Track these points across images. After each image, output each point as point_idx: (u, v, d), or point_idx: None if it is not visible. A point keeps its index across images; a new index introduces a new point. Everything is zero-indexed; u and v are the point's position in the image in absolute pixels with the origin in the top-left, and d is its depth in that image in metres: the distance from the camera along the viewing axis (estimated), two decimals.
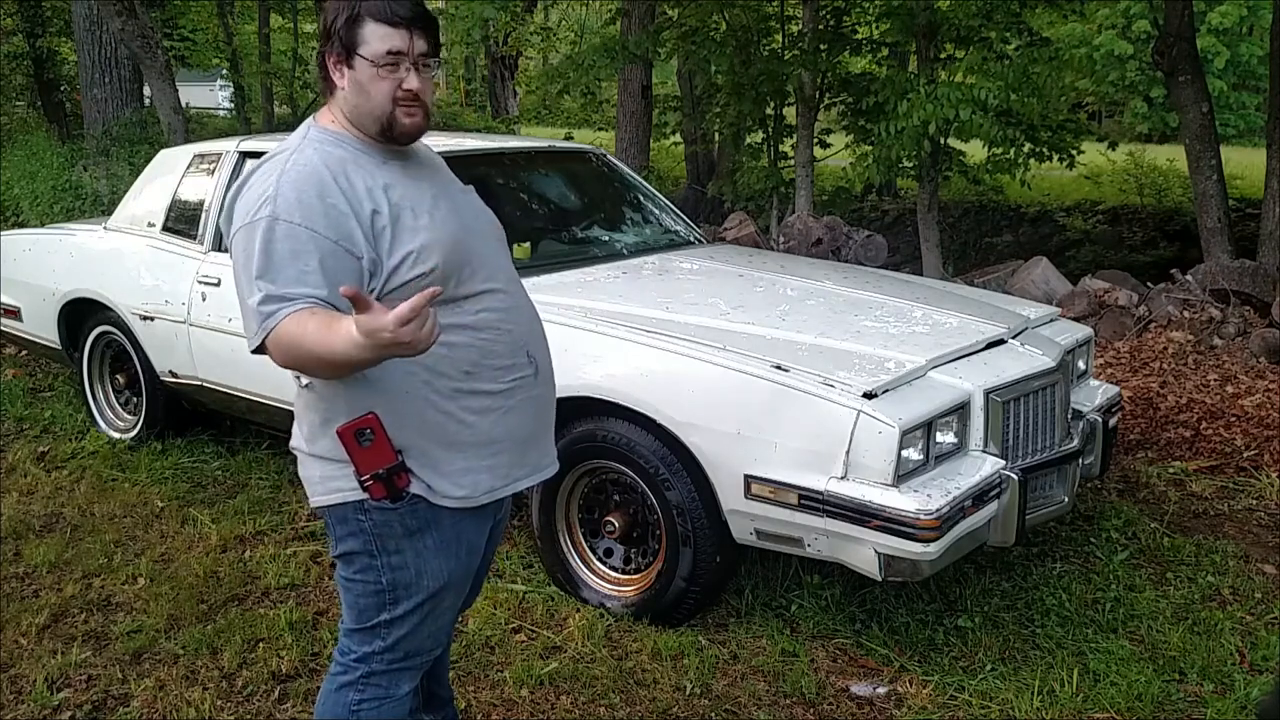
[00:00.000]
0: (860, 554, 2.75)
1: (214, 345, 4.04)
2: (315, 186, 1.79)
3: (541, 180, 4.49)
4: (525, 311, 2.05)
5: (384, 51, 1.83)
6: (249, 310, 1.77)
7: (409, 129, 1.89)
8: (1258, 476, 4.32)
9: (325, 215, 1.78)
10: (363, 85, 1.85)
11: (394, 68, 1.84)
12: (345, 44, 1.84)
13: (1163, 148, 15.85)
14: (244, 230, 1.80)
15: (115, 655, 3.02)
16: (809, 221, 7.17)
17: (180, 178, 4.50)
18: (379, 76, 1.84)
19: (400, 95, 1.85)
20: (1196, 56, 7.25)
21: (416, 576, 1.95)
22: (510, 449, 1.98)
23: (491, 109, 17.46)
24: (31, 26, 14.41)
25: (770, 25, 8.76)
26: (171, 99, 8.99)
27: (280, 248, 1.75)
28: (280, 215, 1.76)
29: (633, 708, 2.79)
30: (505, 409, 1.95)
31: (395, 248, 1.83)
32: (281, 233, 1.75)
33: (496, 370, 1.94)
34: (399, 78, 1.85)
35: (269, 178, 1.82)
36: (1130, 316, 5.97)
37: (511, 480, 2.00)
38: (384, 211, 1.83)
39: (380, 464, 1.83)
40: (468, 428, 1.91)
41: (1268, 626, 3.19)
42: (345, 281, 1.72)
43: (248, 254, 1.77)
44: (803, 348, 3.05)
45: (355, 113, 1.88)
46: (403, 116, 1.87)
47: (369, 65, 1.84)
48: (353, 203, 1.81)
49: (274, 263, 1.75)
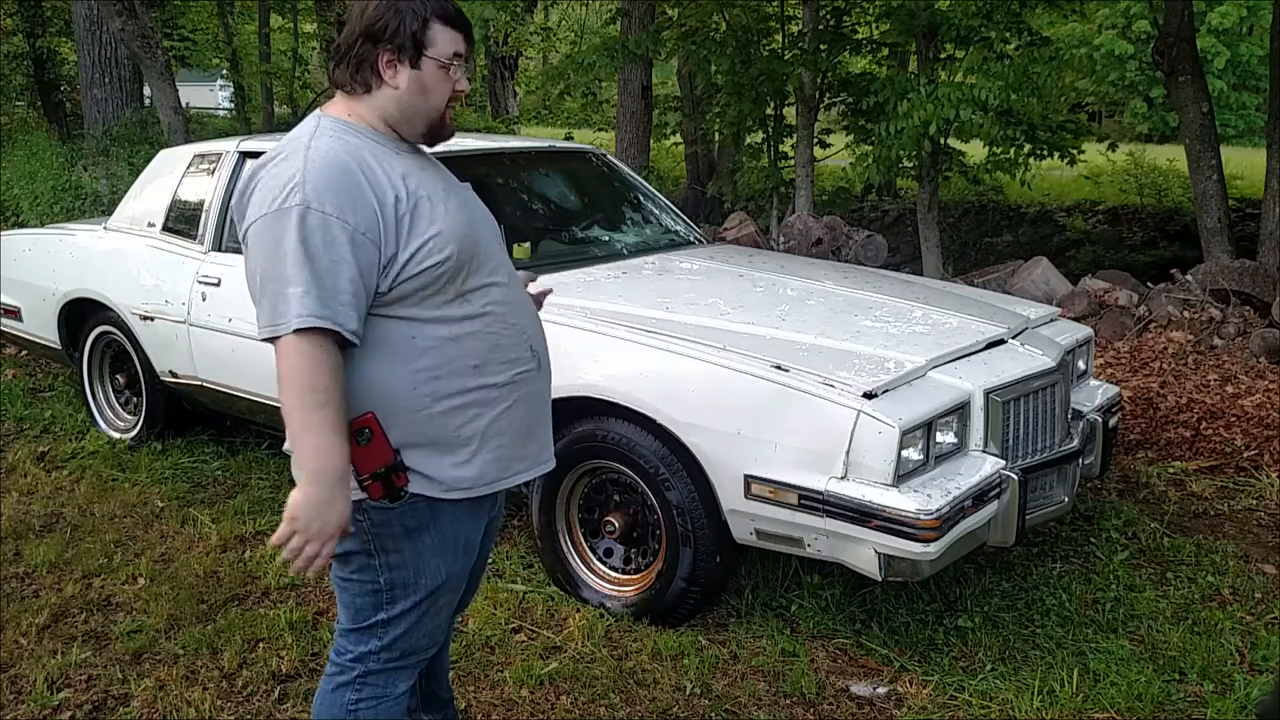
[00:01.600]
0: (860, 554, 2.75)
1: (214, 345, 4.04)
2: (342, 174, 1.80)
3: (541, 180, 4.49)
4: (526, 307, 2.07)
5: (451, 53, 1.91)
6: (277, 295, 1.75)
7: (450, 130, 1.98)
8: (1258, 476, 4.32)
9: (354, 205, 1.79)
10: (426, 85, 1.90)
11: (452, 70, 1.92)
12: (415, 44, 1.88)
13: (1163, 148, 15.86)
14: (271, 218, 1.77)
15: (115, 655, 3.02)
16: (809, 221, 7.17)
17: (180, 178, 4.50)
18: (443, 78, 1.91)
19: (453, 95, 1.93)
20: (1196, 56, 7.25)
21: (414, 576, 1.95)
22: (511, 442, 1.98)
23: (491, 109, 17.46)
24: (31, 26, 14.41)
25: (770, 25, 8.76)
26: (171, 99, 8.99)
27: (316, 239, 1.75)
28: (312, 204, 1.76)
29: (633, 708, 2.79)
30: (509, 402, 1.96)
31: (413, 235, 1.84)
32: (316, 223, 1.75)
33: (503, 363, 1.95)
34: (453, 79, 1.93)
35: (292, 164, 1.81)
36: (1130, 316, 5.97)
37: (512, 473, 2.00)
38: (404, 199, 1.84)
39: (379, 463, 1.83)
40: (474, 420, 1.91)
41: (1268, 626, 3.19)
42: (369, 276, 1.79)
43: (277, 244, 1.76)
44: (803, 348, 3.05)
45: (407, 111, 1.92)
46: (449, 118, 1.96)
47: (436, 66, 1.90)
48: (376, 190, 1.82)
49: (314, 258, 1.74)
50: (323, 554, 1.78)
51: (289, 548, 1.77)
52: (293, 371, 1.75)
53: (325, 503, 1.75)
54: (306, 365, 1.74)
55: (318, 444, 1.75)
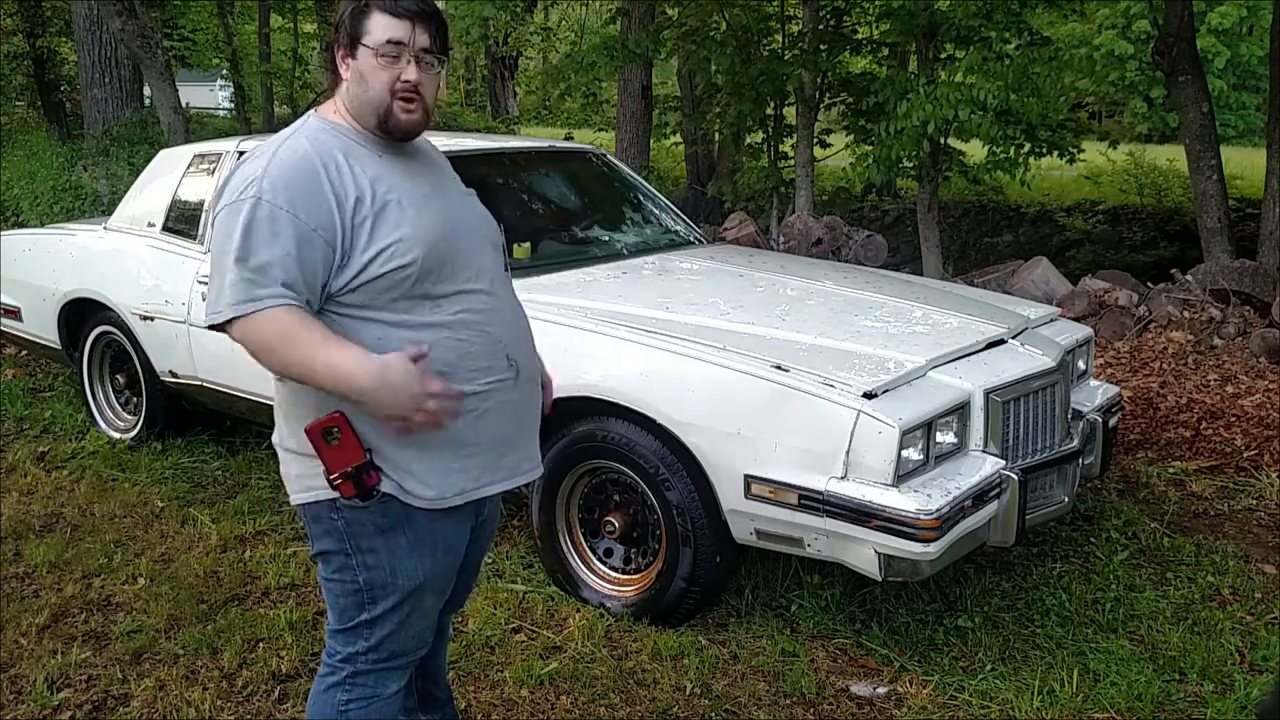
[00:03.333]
0: (860, 554, 2.75)
1: (214, 345, 4.03)
2: (302, 171, 1.82)
3: (541, 180, 4.49)
4: (509, 315, 2.03)
5: (384, 40, 1.86)
6: (223, 285, 1.78)
7: (404, 124, 1.91)
8: (1258, 476, 4.32)
9: (307, 201, 1.80)
10: (363, 74, 1.88)
11: (394, 59, 1.87)
12: (351, 34, 1.88)
13: (1163, 148, 15.85)
14: (228, 209, 1.82)
15: (115, 655, 3.02)
16: (809, 221, 7.17)
17: (180, 178, 4.50)
18: (379, 66, 1.87)
19: (398, 87, 1.88)
20: (1196, 56, 7.25)
21: (391, 575, 1.95)
22: (484, 452, 1.96)
23: (491, 109, 17.47)
24: (31, 26, 14.40)
25: (770, 25, 8.76)
26: (171, 99, 8.99)
27: (261, 229, 1.78)
28: (264, 196, 1.79)
29: (633, 708, 2.79)
30: (480, 411, 1.94)
31: (374, 239, 1.84)
32: (264, 214, 1.78)
33: (473, 371, 1.92)
34: (398, 69, 1.88)
35: (259, 160, 1.84)
36: (1130, 316, 5.97)
37: (484, 484, 1.98)
38: (367, 202, 1.84)
39: (348, 462, 1.83)
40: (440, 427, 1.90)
41: (1268, 626, 3.19)
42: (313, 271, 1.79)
43: (228, 231, 1.80)
44: (803, 348, 3.05)
45: (355, 103, 1.91)
46: (399, 110, 1.89)
47: (370, 54, 1.87)
48: (337, 191, 1.83)
49: (253, 243, 1.77)
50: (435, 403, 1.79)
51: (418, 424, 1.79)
52: (261, 344, 1.78)
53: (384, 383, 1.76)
54: (267, 329, 1.77)
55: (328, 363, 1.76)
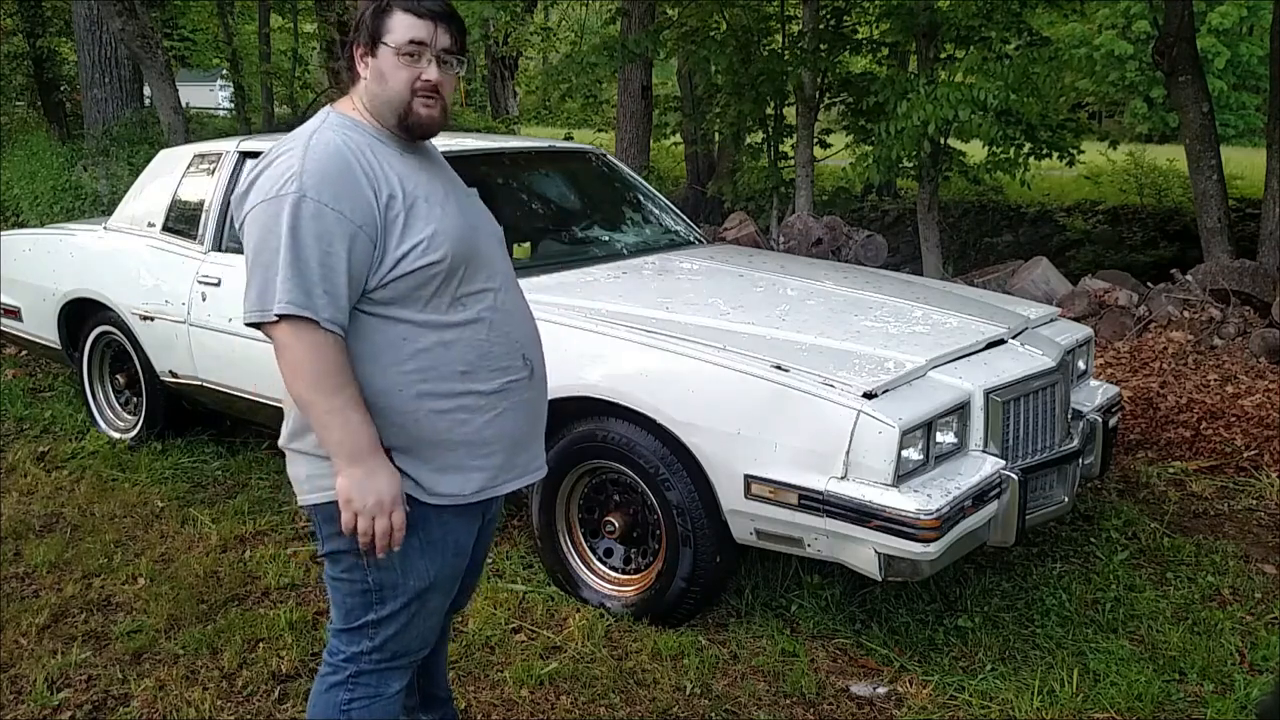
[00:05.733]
0: (860, 554, 2.75)
1: (214, 345, 4.04)
2: (340, 166, 1.81)
3: (541, 180, 4.49)
4: (523, 314, 2.06)
5: (407, 40, 1.87)
6: (270, 281, 1.76)
7: (425, 120, 1.92)
8: (1258, 476, 4.32)
9: (351, 197, 1.80)
10: (384, 73, 1.89)
11: (415, 58, 1.88)
12: (372, 32, 1.89)
13: (1163, 148, 15.86)
14: (266, 205, 1.79)
15: (115, 655, 3.02)
16: (809, 221, 7.17)
17: (180, 178, 4.50)
18: (400, 65, 1.88)
19: (419, 85, 1.89)
20: (1196, 56, 7.25)
21: (402, 576, 1.95)
22: (501, 450, 1.97)
23: (491, 109, 17.46)
24: (31, 26, 14.40)
25: (770, 25, 8.77)
26: (171, 99, 8.99)
27: (307, 228, 1.76)
28: (308, 193, 1.77)
29: (633, 708, 2.79)
30: (499, 410, 1.95)
31: (406, 235, 1.84)
32: (309, 212, 1.77)
33: (493, 371, 1.94)
34: (419, 68, 1.89)
35: (292, 155, 1.82)
36: (1130, 316, 5.97)
37: (500, 481, 2.00)
38: (399, 198, 1.85)
39: None
40: (460, 426, 1.91)
41: (1268, 626, 3.19)
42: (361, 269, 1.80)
43: (269, 230, 1.77)
44: (803, 348, 3.05)
45: (375, 101, 1.91)
46: (420, 107, 1.91)
47: (391, 53, 1.88)
48: (373, 184, 1.83)
49: (302, 245, 1.76)
50: (395, 525, 1.81)
51: (360, 534, 1.80)
52: (300, 361, 1.77)
53: (369, 477, 1.78)
54: (312, 353, 1.76)
55: (344, 425, 1.77)
